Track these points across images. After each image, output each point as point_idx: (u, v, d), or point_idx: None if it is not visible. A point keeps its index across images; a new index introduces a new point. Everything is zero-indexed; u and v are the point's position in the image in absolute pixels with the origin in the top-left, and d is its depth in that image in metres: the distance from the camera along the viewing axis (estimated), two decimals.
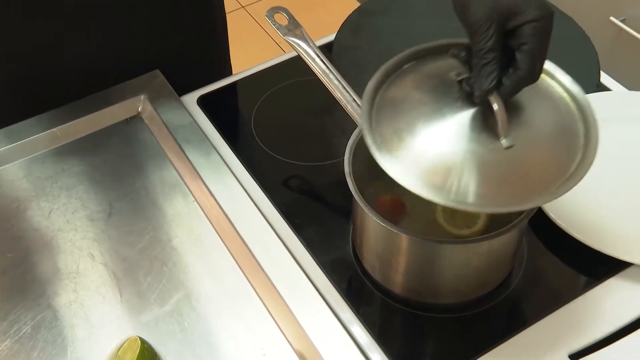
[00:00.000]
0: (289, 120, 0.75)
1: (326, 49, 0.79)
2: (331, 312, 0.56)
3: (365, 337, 0.56)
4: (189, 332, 0.56)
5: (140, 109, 0.73)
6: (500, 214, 0.47)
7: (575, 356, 0.55)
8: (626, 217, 0.62)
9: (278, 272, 0.58)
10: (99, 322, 0.57)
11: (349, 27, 0.80)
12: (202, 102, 0.76)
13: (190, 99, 0.76)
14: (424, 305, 0.57)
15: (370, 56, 0.77)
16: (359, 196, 0.50)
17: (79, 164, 0.69)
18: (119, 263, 0.61)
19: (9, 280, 0.59)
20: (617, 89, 0.75)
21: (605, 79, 0.76)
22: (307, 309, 0.55)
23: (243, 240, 0.60)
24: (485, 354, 0.55)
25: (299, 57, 0.62)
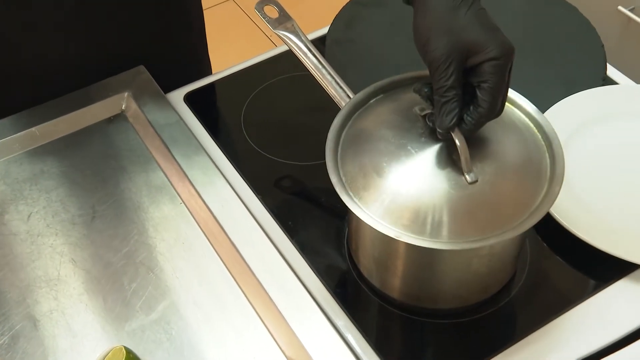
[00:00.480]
0: (281, 118, 0.75)
1: (319, 43, 0.79)
2: (326, 319, 0.56)
3: (362, 345, 0.56)
4: (176, 341, 0.56)
5: (124, 107, 0.74)
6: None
7: None
8: (634, 217, 0.62)
9: (270, 277, 0.58)
10: (82, 331, 0.57)
11: (343, 20, 0.81)
12: (190, 100, 0.76)
13: (177, 96, 0.76)
14: (423, 311, 0.58)
15: (365, 50, 0.77)
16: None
17: (60, 165, 0.69)
18: (103, 269, 0.61)
19: None
20: (625, 83, 0.75)
21: (611, 72, 0.76)
22: (301, 315, 0.56)
23: (233, 244, 0.61)
24: None
25: (291, 51, 0.62)
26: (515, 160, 0.52)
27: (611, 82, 0.75)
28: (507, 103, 0.55)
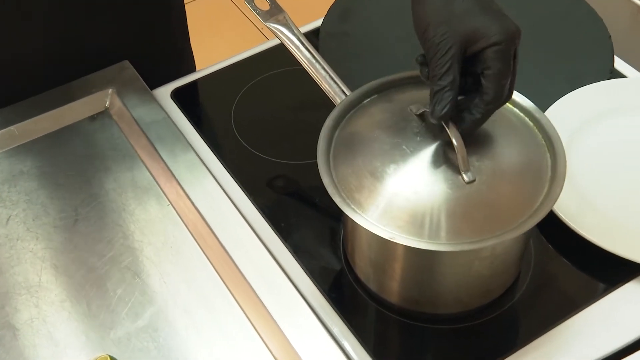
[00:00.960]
0: (273, 115, 0.76)
1: (312, 36, 0.79)
2: (321, 325, 0.56)
3: (359, 352, 0.56)
4: (164, 349, 0.56)
5: (107, 104, 0.74)
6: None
7: None
8: None
9: (262, 281, 0.58)
10: (65, 340, 0.57)
11: (337, 12, 0.81)
12: (177, 96, 0.77)
13: (164, 93, 0.77)
14: (422, 316, 0.58)
15: (361, 43, 0.78)
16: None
17: (40, 166, 0.69)
18: (86, 274, 0.61)
19: None
20: (633, 76, 0.76)
21: (619, 64, 0.77)
22: (295, 322, 0.56)
23: (223, 247, 0.61)
24: None
25: (283, 45, 0.62)
26: (513, 160, 0.53)
27: (619, 75, 0.76)
28: None
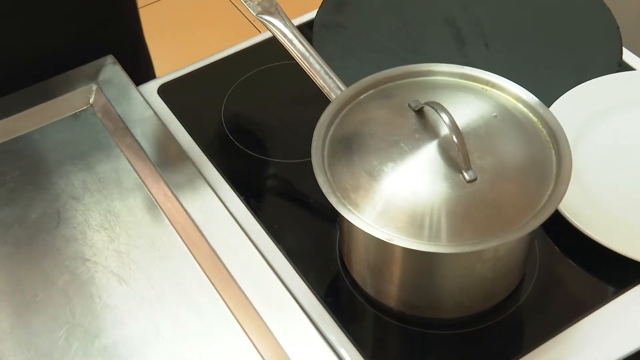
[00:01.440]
0: (265, 112, 0.76)
1: (306, 28, 0.80)
2: (316, 331, 0.56)
3: (356, 359, 0.57)
4: (152, 358, 0.56)
5: (91, 101, 0.74)
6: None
7: None
8: None
9: (254, 287, 0.59)
10: (48, 349, 0.57)
11: (332, 3, 0.81)
12: (164, 92, 0.77)
13: (150, 89, 0.77)
14: (423, 321, 0.58)
15: (357, 36, 0.78)
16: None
17: (20, 167, 0.69)
18: (70, 280, 0.61)
19: None
20: None
21: (628, 56, 0.77)
22: (289, 328, 0.56)
23: (214, 250, 0.61)
24: None
25: (275, 38, 0.62)
26: (517, 157, 0.53)
27: (627, 67, 0.76)
28: (507, 96, 0.56)
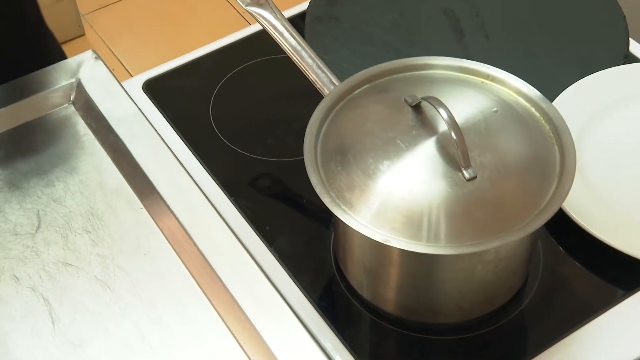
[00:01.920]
0: (255, 108, 0.76)
1: (299, 20, 0.80)
2: (311, 338, 0.56)
3: None
4: None
5: (72, 98, 0.74)
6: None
7: None
8: None
9: (245, 291, 0.59)
10: (27, 359, 0.57)
11: None
12: (149, 88, 0.77)
13: (135, 84, 0.77)
14: (422, 326, 0.59)
15: (351, 28, 0.78)
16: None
17: None
18: (51, 286, 0.61)
19: None
20: None
21: (635, 48, 0.77)
22: (282, 335, 0.56)
23: (202, 254, 0.61)
24: None
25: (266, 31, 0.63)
26: (518, 154, 0.53)
27: (635, 59, 0.76)
28: (509, 90, 0.57)
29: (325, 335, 0.59)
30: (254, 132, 0.73)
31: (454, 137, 0.50)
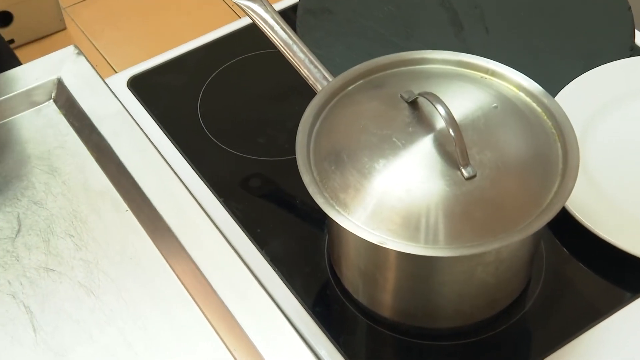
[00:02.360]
0: (246, 106, 0.76)
1: (291, 12, 0.80)
2: (305, 345, 0.57)
3: None
4: None
5: (53, 95, 0.74)
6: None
7: None
8: None
9: (235, 296, 0.59)
10: None
11: None
12: (134, 85, 0.77)
13: (119, 81, 0.77)
14: (420, 332, 0.59)
15: (345, 21, 0.78)
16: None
17: None
18: (32, 293, 0.61)
19: None
20: None
21: None
22: (274, 342, 0.57)
23: (191, 257, 0.61)
24: None
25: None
26: (519, 152, 0.54)
27: None
28: (509, 85, 0.57)
29: (320, 341, 0.59)
30: (244, 131, 0.74)
31: (452, 134, 0.50)
